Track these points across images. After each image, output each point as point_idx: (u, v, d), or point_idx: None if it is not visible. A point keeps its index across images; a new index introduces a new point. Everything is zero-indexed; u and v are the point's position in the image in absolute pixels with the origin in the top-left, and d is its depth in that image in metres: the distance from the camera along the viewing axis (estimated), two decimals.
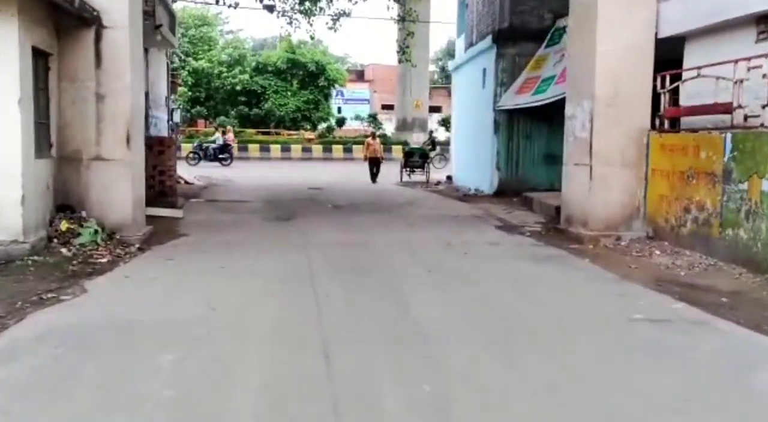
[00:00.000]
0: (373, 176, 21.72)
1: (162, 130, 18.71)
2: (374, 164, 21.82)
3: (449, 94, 60.02)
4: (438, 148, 32.00)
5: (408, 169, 22.78)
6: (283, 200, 15.47)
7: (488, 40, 17.36)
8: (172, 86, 20.54)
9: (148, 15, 11.71)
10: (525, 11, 16.62)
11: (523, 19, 16.63)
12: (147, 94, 16.10)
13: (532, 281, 7.36)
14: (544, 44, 16.41)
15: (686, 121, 9.72)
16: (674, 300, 6.50)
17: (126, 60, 8.71)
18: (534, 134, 16.91)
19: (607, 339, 5.33)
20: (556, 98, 13.63)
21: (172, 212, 11.67)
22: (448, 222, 12.11)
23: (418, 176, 22.65)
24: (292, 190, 18.15)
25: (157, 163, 11.91)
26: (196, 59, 45.84)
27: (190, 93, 44.71)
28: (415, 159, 22.91)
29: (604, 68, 9.69)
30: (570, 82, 10.71)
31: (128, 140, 8.78)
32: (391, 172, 26.05)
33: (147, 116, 16.10)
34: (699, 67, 9.11)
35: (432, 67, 58.09)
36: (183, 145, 35.28)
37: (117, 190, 8.84)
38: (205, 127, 47.73)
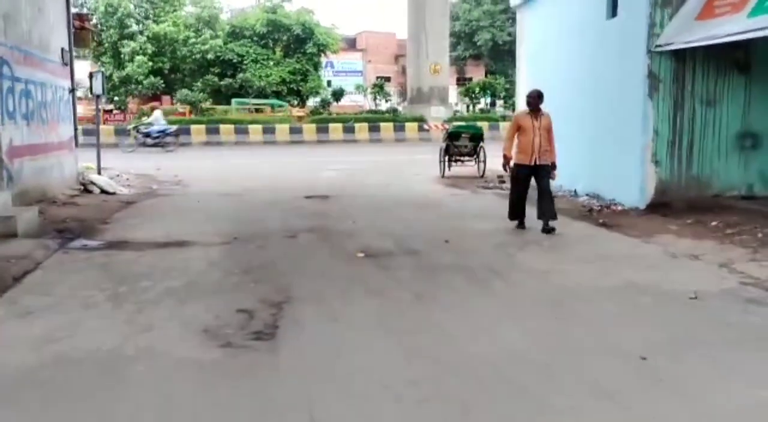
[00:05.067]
0: (522, 208, 8.13)
1: (48, 105, 10.82)
2: (531, 175, 8.04)
3: (452, 63, 52.37)
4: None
5: (453, 157, 15.10)
6: (260, 237, 7.73)
7: None
8: (79, 35, 12.58)
9: None
10: None
11: None
12: None
13: None
14: None
15: None
16: None
17: None
18: (721, 97, 9.24)
19: None
20: None
21: None
22: (715, 343, 4.36)
23: (467, 167, 15.03)
24: (277, 205, 10.39)
25: None
26: (156, 22, 37.47)
27: (150, 63, 36.45)
28: (463, 143, 15.15)
29: None
30: None
31: None
32: (416, 158, 18.47)
33: None
34: None
35: None
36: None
37: None
38: (171, 103, 39.63)
